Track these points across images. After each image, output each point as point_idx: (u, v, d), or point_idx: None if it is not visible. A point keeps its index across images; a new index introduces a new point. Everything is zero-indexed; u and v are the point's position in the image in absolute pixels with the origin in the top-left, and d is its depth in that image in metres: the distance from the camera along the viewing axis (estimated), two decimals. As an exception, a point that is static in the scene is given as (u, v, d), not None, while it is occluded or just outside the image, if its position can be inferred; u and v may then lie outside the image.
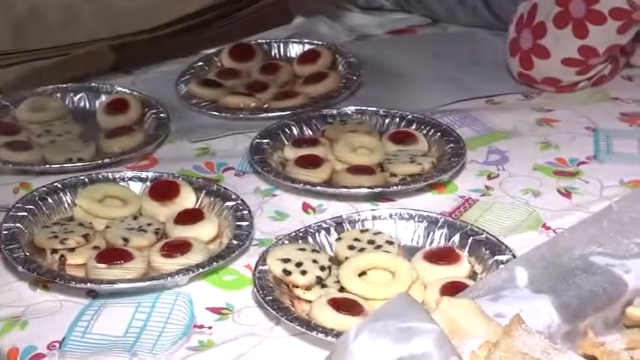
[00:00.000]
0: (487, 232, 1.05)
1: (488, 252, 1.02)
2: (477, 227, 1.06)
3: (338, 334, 0.88)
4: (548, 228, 1.09)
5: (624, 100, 1.43)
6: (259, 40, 1.59)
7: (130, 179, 1.19)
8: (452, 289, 0.94)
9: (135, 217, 1.12)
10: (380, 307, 0.81)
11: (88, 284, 0.99)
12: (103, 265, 1.01)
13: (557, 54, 1.41)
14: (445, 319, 0.81)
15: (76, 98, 1.44)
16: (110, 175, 1.19)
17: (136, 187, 1.18)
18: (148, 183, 1.18)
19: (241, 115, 1.37)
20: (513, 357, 0.76)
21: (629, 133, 1.33)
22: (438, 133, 1.27)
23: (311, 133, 1.30)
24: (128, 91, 1.43)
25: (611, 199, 1.11)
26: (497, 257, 1.00)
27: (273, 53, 1.57)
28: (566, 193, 1.18)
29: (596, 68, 1.44)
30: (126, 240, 1.06)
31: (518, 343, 0.78)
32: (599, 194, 1.17)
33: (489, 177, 1.21)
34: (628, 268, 0.91)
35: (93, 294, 0.99)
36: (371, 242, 1.04)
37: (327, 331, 0.90)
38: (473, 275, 1.00)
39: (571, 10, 1.38)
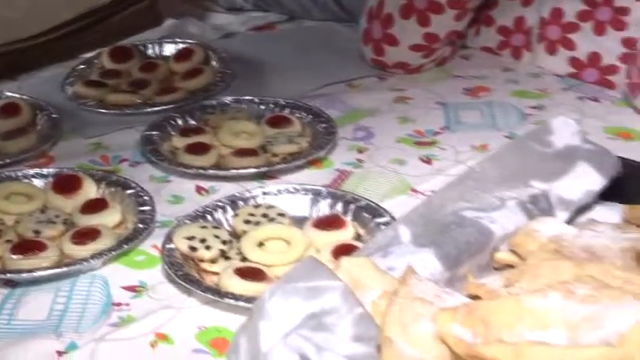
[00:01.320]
0: (366, 199, 1.06)
1: (369, 216, 1.03)
2: (357, 195, 1.07)
3: (246, 299, 0.89)
4: (416, 191, 1.11)
5: (465, 77, 1.45)
6: (135, 42, 1.56)
7: (33, 176, 1.15)
8: (341, 250, 0.95)
9: (42, 211, 1.08)
10: (290, 270, 0.80)
11: (8, 275, 0.96)
12: (19, 256, 0.98)
13: (404, 41, 1.43)
14: (347, 276, 0.81)
15: (-33, 105, 1.38)
16: (13, 174, 1.16)
17: (39, 183, 1.14)
18: (50, 178, 1.14)
19: (128, 111, 1.34)
20: (412, 302, 0.76)
21: (472, 105, 1.35)
22: (310, 116, 1.28)
23: (195, 122, 1.28)
24: (18, 95, 1.38)
25: (466, 162, 1.14)
26: (377, 220, 1.02)
27: (149, 53, 1.54)
28: (427, 160, 1.19)
29: (439, 51, 1.46)
30: (37, 232, 1.03)
31: (414, 290, 0.78)
32: (454, 159, 1.19)
33: (359, 151, 1.22)
34: (493, 220, 0.93)
35: (12, 284, 0.96)
36: (265, 216, 1.04)
37: (236, 297, 0.90)
38: (358, 237, 1.00)
39: (415, 3, 1.40)
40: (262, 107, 1.31)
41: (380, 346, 0.73)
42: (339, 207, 1.05)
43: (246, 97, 1.33)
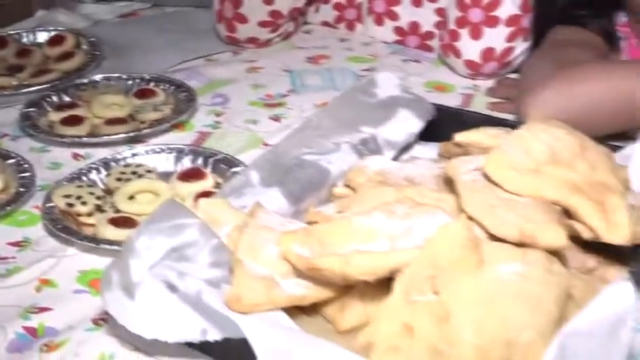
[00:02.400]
0: (223, 153, 1.07)
1: (226, 167, 1.05)
2: (215, 150, 1.08)
3: (120, 244, 0.87)
4: (267, 145, 1.12)
5: (308, 48, 1.46)
6: (10, 32, 1.51)
7: None
8: (203, 197, 0.95)
9: None
10: (153, 212, 0.81)
11: None
12: None
13: (253, 19, 1.43)
14: (205, 215, 0.83)
15: None
16: None
17: None
18: None
19: (6, 93, 1.31)
20: (259, 230, 0.78)
21: (314, 71, 1.37)
22: (172, 87, 1.27)
23: (69, 99, 1.26)
24: None
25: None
26: (233, 170, 1.03)
27: (24, 41, 1.50)
28: (277, 119, 1.21)
29: (284, 27, 1.46)
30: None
31: (261, 221, 0.80)
32: (300, 116, 1.21)
33: (217, 114, 1.23)
34: (330, 161, 0.95)
35: None
36: (134, 173, 1.04)
37: (111, 243, 0.91)
38: (217, 186, 1.01)
39: None
40: (130, 82, 1.30)
41: (232, 268, 0.75)
42: (200, 161, 1.06)
43: (115, 75, 1.31)
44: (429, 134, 1.03)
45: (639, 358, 0.74)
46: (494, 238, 0.72)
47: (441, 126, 1.01)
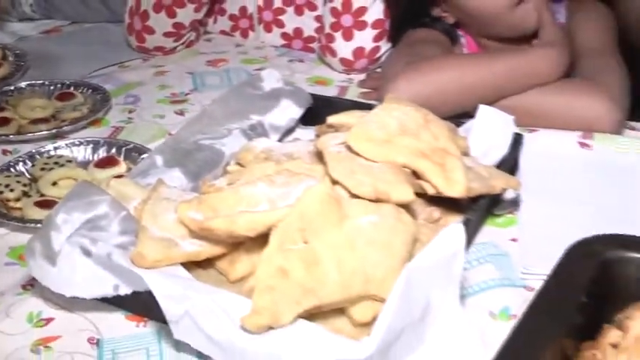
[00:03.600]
0: (134, 143, 1.07)
1: (136, 154, 1.04)
2: (127, 141, 1.08)
3: None
4: (172, 134, 1.10)
5: (208, 53, 1.45)
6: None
7: None
8: None
9: None
10: (69, 191, 0.82)
11: None
12: None
13: (159, 30, 1.42)
14: (115, 192, 0.84)
15: None
16: None
17: None
18: None
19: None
20: (160, 201, 0.79)
21: (214, 73, 1.36)
22: (90, 90, 1.26)
23: (-3, 105, 1.23)
24: None
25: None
26: (142, 157, 1.03)
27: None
28: (181, 113, 1.21)
29: (186, 36, 1.45)
30: None
31: (163, 194, 0.82)
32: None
33: (129, 112, 1.22)
34: (223, 144, 0.97)
35: None
36: (56, 163, 1.03)
37: (37, 222, 0.90)
38: (129, 171, 0.99)
39: (163, 0, 1.39)
40: (52, 87, 1.28)
41: (138, 233, 0.77)
42: (114, 151, 1.06)
43: (39, 82, 1.29)
44: (308, 119, 1.06)
45: (467, 290, 0.80)
46: (355, 196, 0.75)
47: (318, 112, 1.02)
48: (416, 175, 0.81)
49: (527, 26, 1.15)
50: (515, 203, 0.92)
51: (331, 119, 0.93)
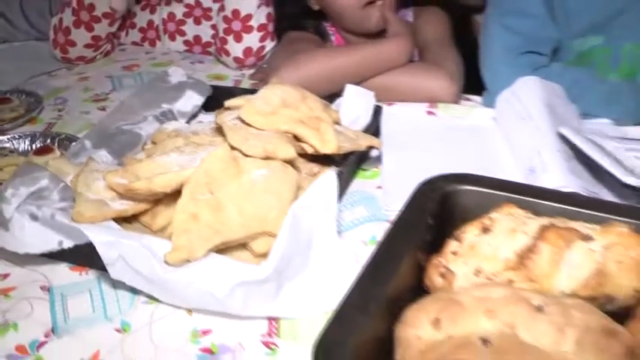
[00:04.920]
0: (65, 133, 1.08)
1: (68, 142, 1.04)
2: (60, 132, 1.09)
3: None
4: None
5: (123, 61, 1.44)
6: None
7: None
8: None
9: None
10: (15, 171, 0.83)
11: None
12: None
13: (80, 43, 1.42)
14: (53, 169, 0.86)
15: None
16: None
17: None
18: None
19: None
20: (91, 173, 0.81)
21: (128, 75, 1.36)
22: (24, 95, 1.25)
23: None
24: None
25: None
26: (73, 143, 1.01)
27: None
28: (103, 109, 1.20)
29: (103, 47, 1.46)
30: None
31: (93, 167, 0.83)
32: (121, 106, 1.22)
33: (59, 110, 1.21)
34: (140, 128, 0.99)
35: None
36: (1, 154, 1.03)
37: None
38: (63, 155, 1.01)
39: (81, 17, 1.40)
40: None
41: (75, 197, 0.80)
42: (49, 141, 1.06)
43: None
44: (209, 106, 1.09)
45: (344, 226, 0.86)
46: (249, 157, 0.80)
47: (217, 100, 1.02)
48: (297, 138, 0.86)
49: (370, 26, 1.24)
50: (378, 159, 0.98)
51: (228, 103, 0.96)
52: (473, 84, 1.21)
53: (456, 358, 0.58)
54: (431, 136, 1.07)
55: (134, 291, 0.73)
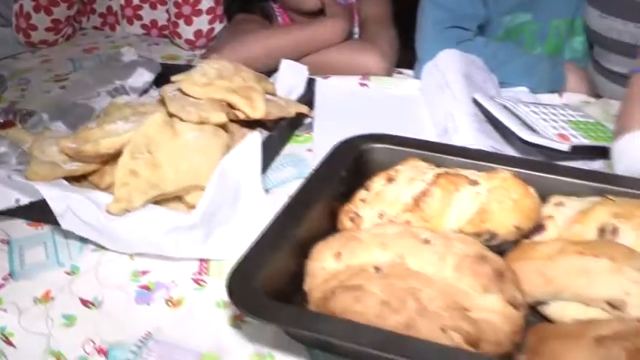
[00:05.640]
0: (26, 109, 1.13)
1: (29, 117, 1.08)
2: (21, 108, 1.14)
3: None
4: None
5: (83, 44, 1.51)
6: None
7: None
8: None
9: None
10: None
11: None
12: None
13: (41, 26, 1.47)
14: (11, 138, 0.94)
15: None
16: None
17: None
18: None
19: None
20: (46, 140, 0.89)
21: (89, 58, 1.42)
22: None
23: None
24: None
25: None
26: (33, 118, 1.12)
27: None
28: (63, 87, 1.26)
29: (64, 30, 1.52)
30: None
31: (48, 135, 0.93)
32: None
33: (22, 90, 1.27)
34: (95, 102, 1.07)
35: None
36: None
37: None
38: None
39: (40, 2, 1.45)
40: None
41: (30, 160, 0.88)
42: (11, 116, 1.12)
43: None
44: (160, 82, 1.15)
45: (273, 183, 0.94)
46: (184, 121, 0.90)
47: (168, 77, 1.09)
48: (231, 106, 0.96)
49: (307, 7, 1.33)
50: (310, 126, 1.08)
51: (173, 78, 1.05)
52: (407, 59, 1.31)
53: (351, 282, 0.68)
54: (361, 105, 1.16)
55: (84, 240, 0.82)
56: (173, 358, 0.67)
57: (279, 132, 1.01)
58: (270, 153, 0.97)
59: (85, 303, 0.74)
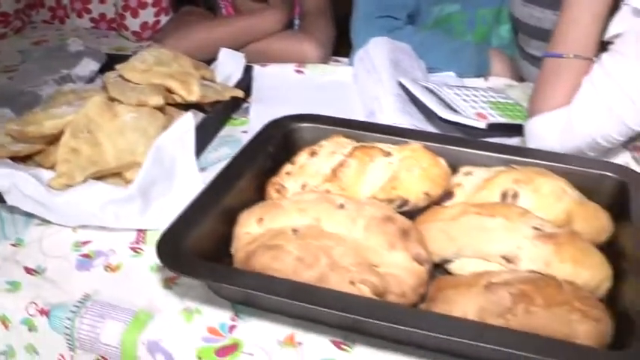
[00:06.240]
0: None
1: None
2: None
3: None
4: None
5: (33, 37, 1.54)
6: None
7: None
8: None
9: None
10: None
11: None
12: None
13: None
14: None
15: None
16: None
17: None
18: None
19: None
20: None
21: (37, 50, 1.44)
22: None
23: None
24: None
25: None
26: None
27: None
28: (11, 77, 1.25)
29: (13, 23, 1.54)
30: None
31: None
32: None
33: None
34: (42, 89, 1.11)
35: None
36: None
37: None
38: None
39: None
40: None
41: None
42: None
43: None
44: (106, 71, 1.21)
45: (208, 162, 1.00)
46: (125, 104, 0.96)
47: (113, 66, 1.14)
48: (169, 91, 1.02)
49: None
50: (247, 110, 1.15)
51: (118, 66, 1.12)
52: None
53: (271, 242, 0.75)
54: (297, 91, 1.23)
55: (29, 215, 0.87)
56: (109, 315, 0.73)
57: (216, 114, 1.07)
58: (207, 134, 1.03)
59: (29, 271, 0.80)
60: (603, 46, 0.98)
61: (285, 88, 1.24)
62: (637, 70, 0.91)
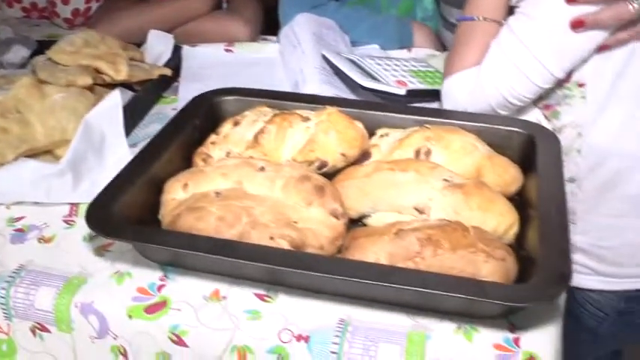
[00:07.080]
0: None
1: None
2: None
3: None
4: None
5: None
6: None
7: None
8: None
9: None
10: None
11: None
12: None
13: None
14: None
15: None
16: None
17: None
18: None
19: None
20: None
21: None
22: None
23: None
24: None
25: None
26: None
27: None
28: None
29: None
30: None
31: None
32: None
33: None
34: None
35: None
36: None
37: None
38: None
39: None
40: None
41: None
42: None
43: None
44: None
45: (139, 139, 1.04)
46: (54, 85, 0.99)
47: (42, 51, 1.16)
48: (98, 72, 1.05)
49: None
50: (177, 89, 1.18)
51: (48, 52, 1.15)
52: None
53: (195, 205, 0.79)
54: (226, 69, 1.27)
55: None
56: (42, 282, 0.77)
57: (145, 93, 1.10)
58: (137, 112, 1.07)
59: (-36, 247, 0.83)
60: (511, 11, 1.04)
61: (215, 66, 1.28)
62: (540, 29, 0.97)
